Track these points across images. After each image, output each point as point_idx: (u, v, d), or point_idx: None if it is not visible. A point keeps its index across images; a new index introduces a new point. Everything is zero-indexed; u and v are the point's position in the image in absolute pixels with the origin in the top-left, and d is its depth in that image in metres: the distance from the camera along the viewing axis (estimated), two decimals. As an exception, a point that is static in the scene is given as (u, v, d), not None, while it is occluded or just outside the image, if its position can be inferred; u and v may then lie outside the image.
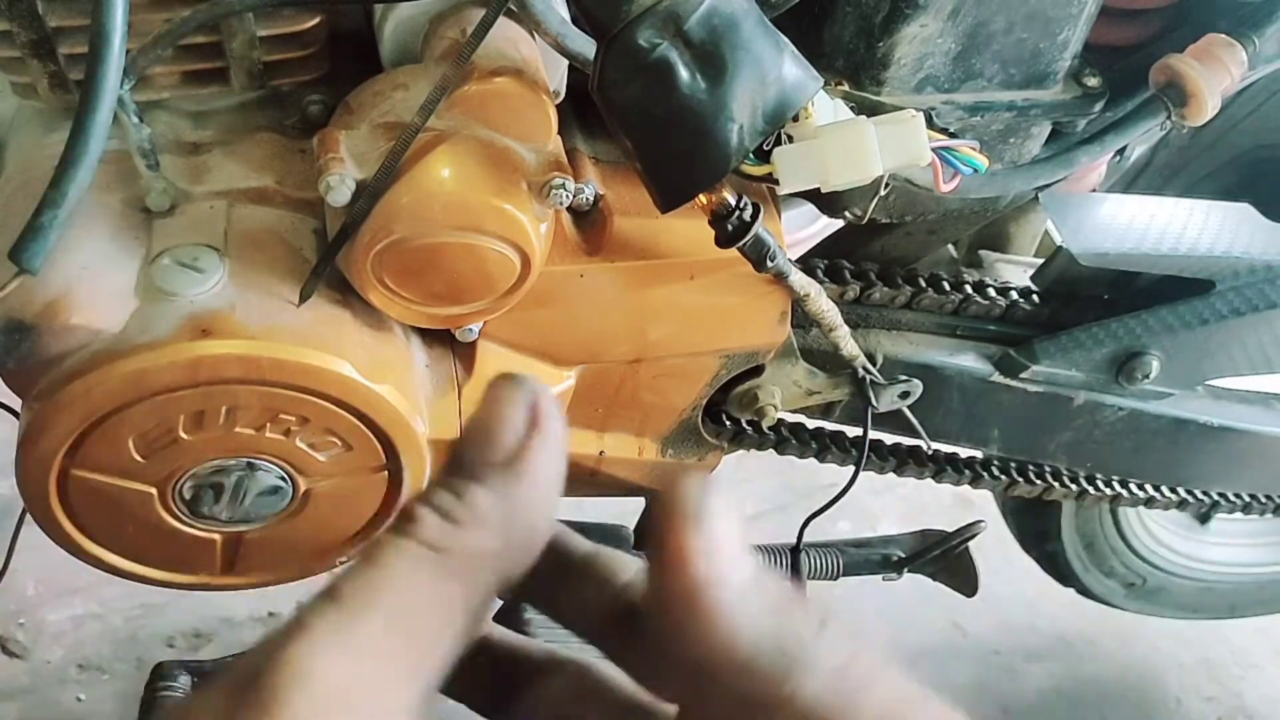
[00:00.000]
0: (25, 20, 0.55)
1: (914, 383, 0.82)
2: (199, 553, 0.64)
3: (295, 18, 0.60)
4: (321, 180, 0.55)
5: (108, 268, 0.57)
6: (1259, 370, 0.91)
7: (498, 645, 0.41)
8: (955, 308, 0.85)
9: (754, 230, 0.61)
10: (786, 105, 0.54)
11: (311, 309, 0.59)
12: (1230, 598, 1.45)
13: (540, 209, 0.59)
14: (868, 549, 1.00)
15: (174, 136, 0.63)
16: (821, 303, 0.70)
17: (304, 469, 0.61)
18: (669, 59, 0.52)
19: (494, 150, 0.58)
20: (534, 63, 0.60)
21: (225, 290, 0.57)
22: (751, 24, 0.53)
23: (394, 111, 0.59)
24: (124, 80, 0.53)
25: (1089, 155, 0.76)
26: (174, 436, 0.57)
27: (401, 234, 0.56)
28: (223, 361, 0.55)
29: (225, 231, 0.59)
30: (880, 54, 0.68)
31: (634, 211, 0.66)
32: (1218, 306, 0.85)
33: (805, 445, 0.88)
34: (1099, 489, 1.04)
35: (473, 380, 0.66)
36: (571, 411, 0.74)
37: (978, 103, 0.72)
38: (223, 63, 0.61)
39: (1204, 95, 0.71)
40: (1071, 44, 0.71)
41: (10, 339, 0.55)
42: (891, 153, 0.59)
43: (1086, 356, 0.86)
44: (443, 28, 0.60)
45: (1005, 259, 0.95)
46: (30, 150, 0.61)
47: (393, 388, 0.59)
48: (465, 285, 0.60)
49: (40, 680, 1.33)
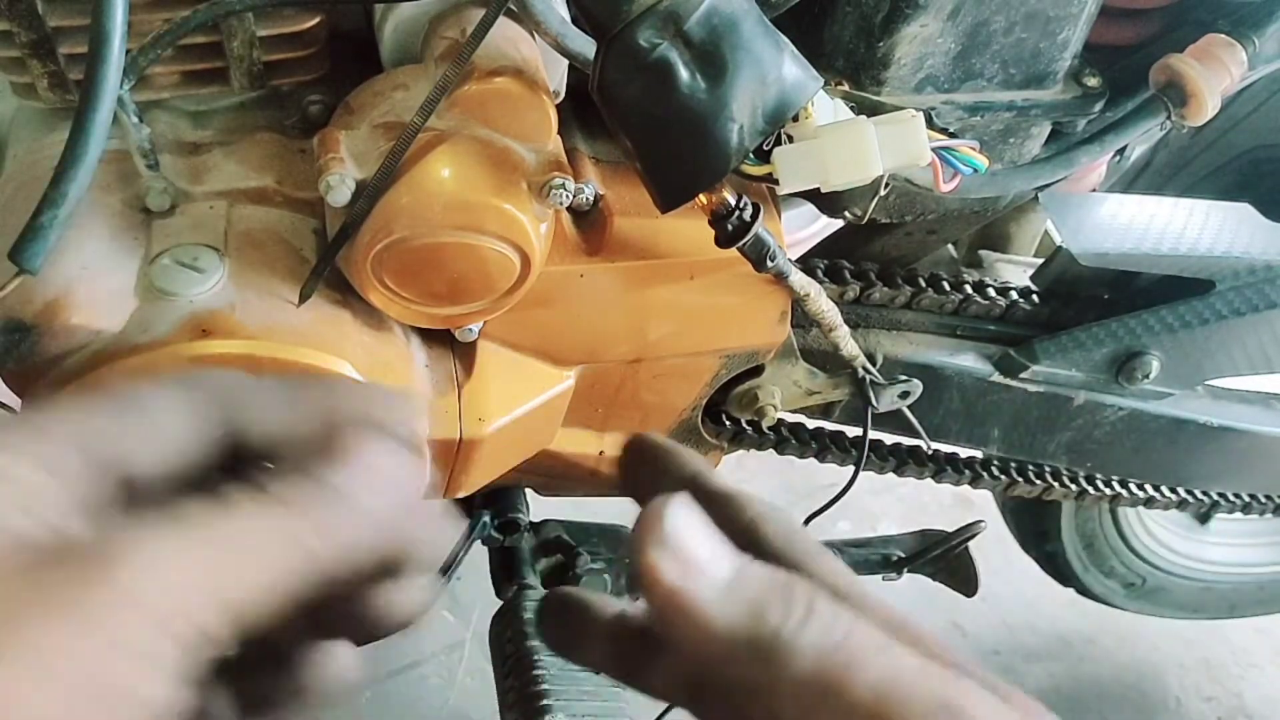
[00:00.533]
0: (25, 20, 0.55)
1: (914, 383, 0.82)
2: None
3: (295, 18, 0.60)
4: (321, 180, 0.55)
5: (108, 268, 0.57)
6: (1259, 370, 0.91)
7: (631, 619, 0.42)
8: (955, 308, 0.85)
9: (754, 230, 0.61)
10: (786, 105, 0.54)
11: (311, 309, 0.58)
12: (1230, 598, 1.45)
13: (540, 209, 0.59)
14: (868, 549, 1.00)
15: (174, 136, 0.63)
16: (821, 303, 0.70)
17: (304, 469, 0.61)
18: (669, 59, 0.52)
19: (494, 150, 0.58)
20: (534, 63, 0.60)
21: (225, 290, 0.57)
22: (751, 24, 0.53)
23: (394, 111, 0.59)
24: (124, 80, 0.53)
25: (1089, 155, 0.76)
26: (174, 436, 0.57)
27: (401, 234, 0.56)
28: (223, 361, 0.55)
29: (225, 231, 0.59)
30: (880, 54, 0.68)
31: (634, 211, 0.66)
32: (1218, 306, 0.85)
33: (805, 445, 0.88)
34: (1099, 489, 1.04)
35: (473, 380, 0.66)
36: (571, 411, 0.74)
37: (978, 103, 0.72)
38: (222, 63, 0.61)
39: (1204, 95, 0.71)
40: (1071, 44, 0.71)
41: (10, 339, 0.55)
42: (891, 153, 0.59)
43: (1086, 356, 0.86)
44: (443, 28, 0.60)
45: (1005, 259, 0.95)
46: (30, 150, 0.61)
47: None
48: (465, 285, 0.60)
49: (40, 680, 1.32)
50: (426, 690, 1.40)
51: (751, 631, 0.33)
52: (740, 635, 0.33)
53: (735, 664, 0.33)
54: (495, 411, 0.66)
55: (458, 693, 1.40)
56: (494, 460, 0.69)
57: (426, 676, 1.41)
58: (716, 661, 0.33)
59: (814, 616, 0.33)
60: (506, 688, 0.81)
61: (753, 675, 0.33)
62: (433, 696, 1.40)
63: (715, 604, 0.33)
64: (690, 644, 0.33)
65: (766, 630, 0.33)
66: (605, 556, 0.95)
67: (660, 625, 0.34)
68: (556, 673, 0.80)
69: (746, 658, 0.33)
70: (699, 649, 0.33)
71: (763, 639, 0.33)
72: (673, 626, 0.33)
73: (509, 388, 0.68)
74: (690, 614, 0.33)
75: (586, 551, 0.93)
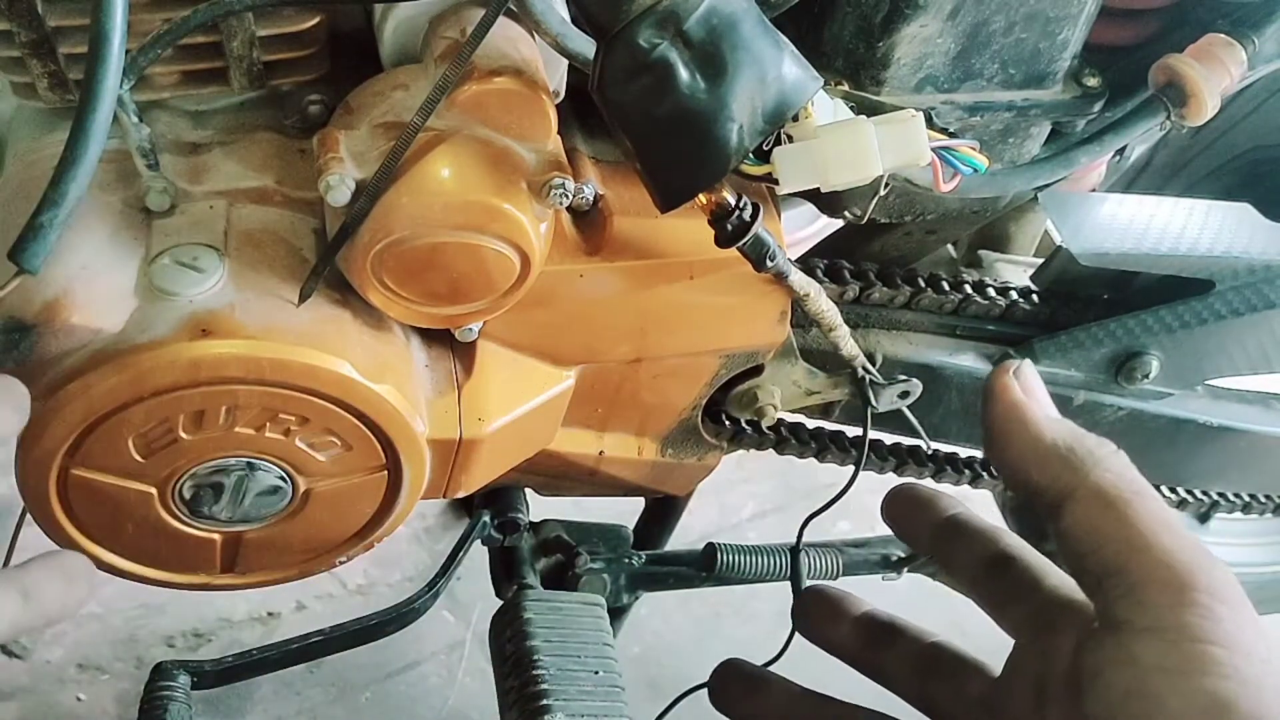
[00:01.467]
0: (25, 20, 0.55)
1: (914, 383, 0.82)
2: (199, 553, 0.64)
3: (295, 18, 0.60)
4: (321, 180, 0.55)
5: (107, 268, 0.57)
6: (1258, 370, 0.91)
7: (877, 614, 0.53)
8: (955, 308, 0.85)
9: (754, 230, 0.61)
10: (786, 105, 0.54)
11: (311, 309, 0.59)
12: (1230, 598, 1.45)
13: (540, 209, 0.59)
14: (868, 549, 1.00)
15: (174, 136, 0.63)
16: (821, 303, 0.70)
17: (304, 469, 0.61)
18: (669, 59, 0.52)
19: (494, 150, 0.58)
20: (534, 63, 0.60)
21: (225, 290, 0.57)
22: (751, 24, 0.53)
23: (394, 111, 0.59)
24: (124, 80, 0.53)
25: (1089, 155, 0.76)
26: (174, 436, 0.57)
27: (401, 234, 0.56)
28: (223, 361, 0.55)
29: (225, 231, 0.59)
30: (880, 54, 0.68)
31: (634, 211, 0.66)
32: (1217, 306, 0.85)
33: (805, 445, 0.88)
34: (1099, 489, 1.04)
35: (472, 380, 0.66)
36: (571, 411, 0.74)
37: (978, 103, 0.72)
38: (222, 63, 0.61)
39: (1203, 95, 0.71)
40: (1071, 44, 0.71)
41: (10, 339, 0.55)
42: (891, 153, 0.59)
43: (1086, 356, 0.86)
44: (443, 28, 0.60)
45: (1005, 259, 0.95)
46: (30, 150, 0.61)
47: (393, 388, 0.59)
48: (465, 285, 0.60)
49: (40, 680, 1.33)
50: (426, 690, 1.40)
51: (1070, 445, 0.43)
52: (1061, 445, 0.43)
53: (1048, 467, 0.43)
54: (495, 411, 0.66)
55: (458, 693, 1.40)
56: (494, 460, 0.69)
57: (426, 676, 1.41)
58: (1034, 462, 0.43)
59: (1119, 456, 0.43)
60: (506, 688, 0.81)
61: (1061, 478, 0.42)
62: (433, 696, 1.40)
63: (1045, 421, 0.44)
64: (1018, 446, 0.44)
65: (1082, 448, 0.43)
66: (605, 556, 0.95)
67: (997, 434, 0.45)
68: (556, 673, 0.80)
69: (1059, 465, 0.43)
70: (1024, 451, 0.44)
71: (1077, 452, 0.43)
72: (1009, 432, 0.44)
73: (509, 388, 0.68)
74: (1028, 422, 0.44)
75: (586, 551, 0.93)
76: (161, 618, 1.40)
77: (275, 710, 1.34)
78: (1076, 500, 0.42)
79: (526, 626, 0.83)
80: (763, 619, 1.49)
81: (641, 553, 0.97)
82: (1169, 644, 0.39)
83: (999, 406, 0.45)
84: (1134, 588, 0.40)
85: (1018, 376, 0.46)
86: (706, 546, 0.95)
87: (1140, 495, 0.42)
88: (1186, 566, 0.40)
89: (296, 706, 1.35)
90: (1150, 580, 0.40)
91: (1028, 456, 0.44)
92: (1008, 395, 0.45)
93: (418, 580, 1.48)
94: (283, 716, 1.34)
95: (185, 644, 1.39)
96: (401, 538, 1.52)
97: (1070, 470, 0.42)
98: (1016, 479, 0.45)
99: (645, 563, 0.96)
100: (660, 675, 1.42)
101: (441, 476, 0.67)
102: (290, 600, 1.45)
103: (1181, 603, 0.39)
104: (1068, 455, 0.43)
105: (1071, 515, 0.42)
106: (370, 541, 0.67)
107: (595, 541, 0.96)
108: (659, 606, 1.48)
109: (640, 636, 1.47)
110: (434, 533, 1.57)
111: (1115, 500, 0.41)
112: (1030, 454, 0.44)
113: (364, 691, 1.38)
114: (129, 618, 1.39)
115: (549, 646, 0.81)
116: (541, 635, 0.82)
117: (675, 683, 0.81)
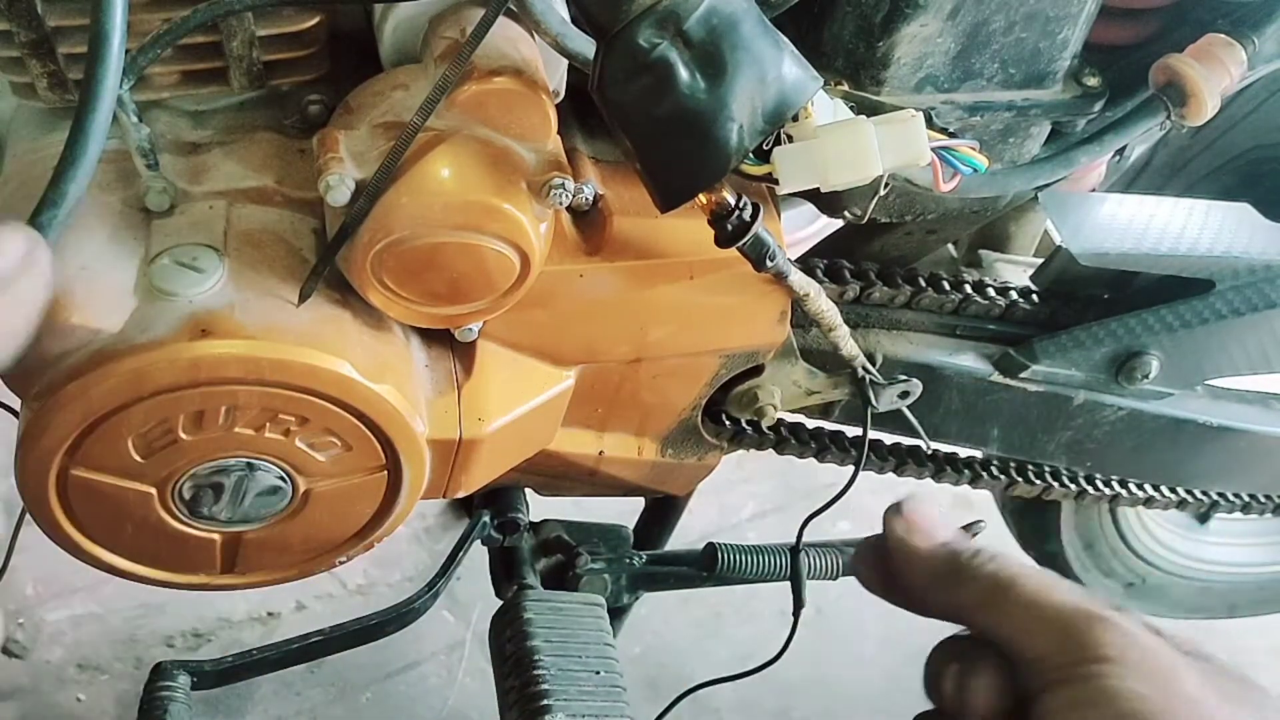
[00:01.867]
0: (25, 20, 0.55)
1: (913, 383, 0.82)
2: (198, 553, 0.64)
3: (295, 17, 0.60)
4: (321, 180, 0.55)
5: (107, 268, 0.57)
6: (1259, 370, 0.91)
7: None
8: (955, 307, 0.85)
9: (754, 230, 0.61)
10: (786, 105, 0.54)
11: (311, 309, 0.58)
12: (1230, 598, 1.45)
13: (540, 209, 0.59)
14: (867, 549, 1.00)
15: (174, 136, 0.63)
16: (821, 302, 0.70)
17: (303, 469, 0.61)
18: (669, 59, 0.52)
19: (494, 150, 0.58)
20: (534, 63, 0.60)
21: (225, 290, 0.57)
22: (751, 24, 0.53)
23: (394, 111, 0.59)
24: (124, 80, 0.53)
25: (1089, 155, 0.76)
26: (174, 436, 0.57)
27: (401, 234, 0.56)
28: (222, 361, 0.55)
29: (225, 231, 0.59)
30: (880, 54, 0.68)
31: (634, 211, 0.66)
32: (1217, 306, 0.85)
33: (805, 445, 0.88)
34: (1098, 489, 1.04)
35: (472, 380, 0.66)
36: (571, 411, 0.74)
37: (978, 102, 0.72)
38: (222, 62, 0.61)
39: (1203, 95, 0.71)
40: (1071, 44, 0.71)
41: (10, 339, 0.55)
42: (891, 153, 0.59)
43: (1086, 356, 0.86)
44: (443, 28, 0.60)
45: (1005, 259, 0.95)
46: (30, 150, 0.61)
47: (393, 388, 0.59)
48: (465, 285, 0.60)
49: (40, 680, 1.33)
50: (426, 690, 1.40)
51: (949, 565, 0.49)
52: (943, 567, 0.49)
53: (941, 589, 0.49)
54: (495, 411, 0.66)
55: (458, 693, 1.40)
56: (494, 460, 0.69)
57: (426, 676, 1.41)
58: (929, 587, 0.49)
59: (992, 557, 0.48)
60: (507, 688, 0.81)
61: (953, 594, 0.48)
62: (433, 696, 1.40)
63: (927, 552, 0.50)
64: (908, 577, 0.50)
65: (957, 563, 0.48)
66: (605, 556, 0.95)
67: (895, 570, 0.50)
68: (557, 673, 0.80)
69: (948, 581, 0.48)
70: (916, 580, 0.50)
71: (956, 570, 0.48)
72: (902, 570, 0.50)
73: (509, 388, 0.68)
74: (908, 553, 0.50)
75: (586, 551, 0.93)
76: (161, 618, 1.39)
77: (275, 710, 1.34)
78: (969, 608, 0.48)
79: (527, 627, 0.83)
80: (763, 619, 1.49)
81: (642, 553, 0.97)
82: (1076, 690, 0.43)
83: (890, 544, 0.51)
84: (1037, 657, 0.45)
85: (901, 513, 0.51)
86: (707, 546, 0.95)
87: (1016, 577, 0.47)
88: (1071, 618, 0.45)
89: (296, 706, 1.35)
90: (1045, 645, 0.45)
91: (922, 584, 0.50)
92: (893, 536, 0.51)
93: (418, 580, 1.47)
94: (283, 716, 1.34)
95: (185, 644, 1.39)
96: (401, 538, 1.52)
97: (957, 584, 0.48)
98: (920, 606, 0.51)
99: (645, 563, 0.96)
100: (660, 675, 1.42)
101: (441, 476, 0.67)
102: (290, 600, 1.44)
103: (1076, 651, 0.44)
104: (950, 574, 0.49)
105: (973, 620, 0.48)
106: (370, 541, 0.67)
107: (595, 541, 0.95)
108: (659, 606, 1.48)
109: (640, 636, 1.47)
110: (434, 533, 1.57)
111: (995, 593, 0.47)
112: (922, 581, 0.50)
113: (364, 691, 1.38)
114: (129, 618, 1.39)
115: (549, 647, 0.81)
116: (542, 635, 0.82)
117: (675, 683, 0.81)
